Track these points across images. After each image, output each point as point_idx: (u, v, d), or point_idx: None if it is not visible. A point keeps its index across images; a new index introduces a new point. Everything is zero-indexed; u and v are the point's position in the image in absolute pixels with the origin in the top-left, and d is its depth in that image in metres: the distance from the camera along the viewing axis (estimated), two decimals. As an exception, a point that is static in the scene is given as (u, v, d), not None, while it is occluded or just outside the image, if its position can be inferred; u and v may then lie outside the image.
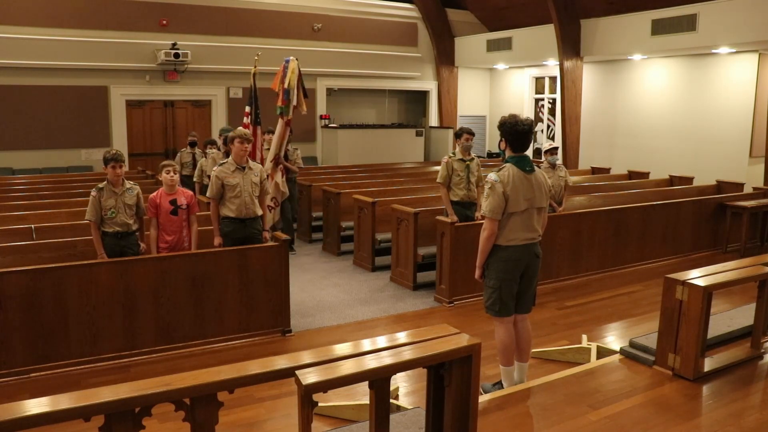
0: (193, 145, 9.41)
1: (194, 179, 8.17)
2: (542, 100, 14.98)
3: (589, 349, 4.97)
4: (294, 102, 7.51)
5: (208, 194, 5.60)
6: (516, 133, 3.97)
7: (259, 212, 5.68)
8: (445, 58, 15.17)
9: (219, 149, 8.47)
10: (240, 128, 5.86)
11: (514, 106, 14.57)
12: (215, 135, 12.78)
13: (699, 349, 3.98)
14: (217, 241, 5.56)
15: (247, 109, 7.44)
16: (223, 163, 5.62)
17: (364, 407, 3.66)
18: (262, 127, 7.53)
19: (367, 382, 2.60)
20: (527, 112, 14.59)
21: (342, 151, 13.46)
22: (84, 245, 5.42)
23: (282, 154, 7.79)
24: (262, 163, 7.26)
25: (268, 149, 7.86)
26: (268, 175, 6.77)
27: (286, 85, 7.41)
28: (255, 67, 7.48)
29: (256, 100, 7.37)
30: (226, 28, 12.67)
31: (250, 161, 5.65)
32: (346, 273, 7.46)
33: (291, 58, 7.48)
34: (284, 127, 7.61)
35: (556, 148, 7.45)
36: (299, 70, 7.52)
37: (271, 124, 8.30)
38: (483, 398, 3.80)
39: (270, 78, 7.73)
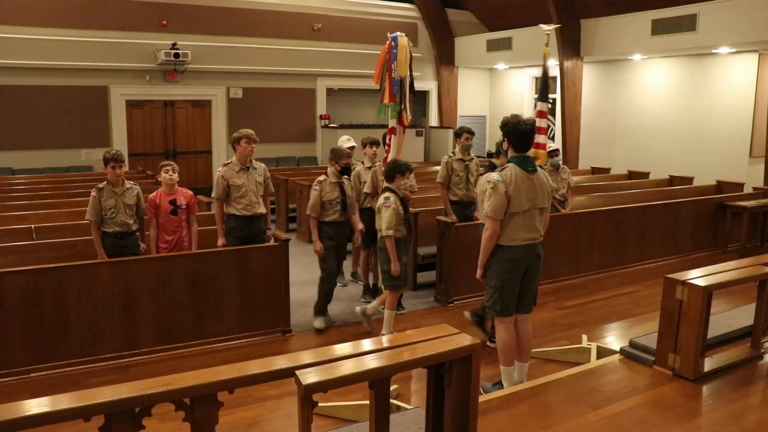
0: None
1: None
2: (542, 100, 14.96)
3: (589, 349, 4.97)
4: (407, 99, 5.41)
5: (213, 194, 5.61)
6: (518, 133, 3.98)
7: (263, 210, 5.69)
8: (445, 58, 15.15)
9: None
10: (245, 129, 5.59)
11: (514, 106, 14.56)
12: (216, 136, 12.88)
13: (699, 349, 3.98)
14: (220, 241, 5.56)
15: (542, 106, 5.51)
16: (228, 163, 5.62)
17: (364, 407, 3.66)
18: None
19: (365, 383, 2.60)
20: (527, 112, 14.56)
21: (342, 151, 13.43)
22: (84, 245, 5.42)
23: None
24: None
25: (369, 168, 6.15)
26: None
27: (395, 74, 5.29)
28: (546, 45, 5.22)
29: (547, 89, 5.32)
30: (226, 28, 12.67)
31: (253, 160, 5.65)
32: (345, 273, 7.45)
33: (398, 33, 5.38)
34: (401, 135, 5.61)
35: (557, 150, 7.45)
36: (411, 54, 5.31)
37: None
38: (483, 398, 3.79)
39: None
